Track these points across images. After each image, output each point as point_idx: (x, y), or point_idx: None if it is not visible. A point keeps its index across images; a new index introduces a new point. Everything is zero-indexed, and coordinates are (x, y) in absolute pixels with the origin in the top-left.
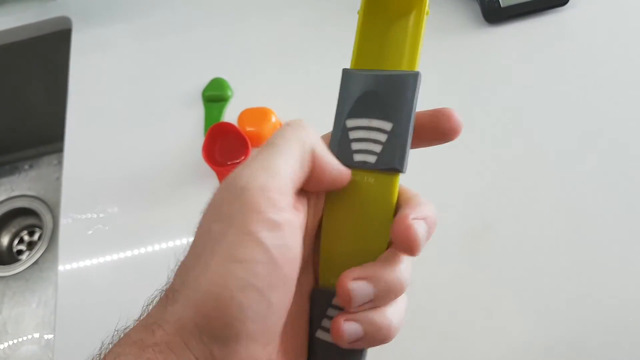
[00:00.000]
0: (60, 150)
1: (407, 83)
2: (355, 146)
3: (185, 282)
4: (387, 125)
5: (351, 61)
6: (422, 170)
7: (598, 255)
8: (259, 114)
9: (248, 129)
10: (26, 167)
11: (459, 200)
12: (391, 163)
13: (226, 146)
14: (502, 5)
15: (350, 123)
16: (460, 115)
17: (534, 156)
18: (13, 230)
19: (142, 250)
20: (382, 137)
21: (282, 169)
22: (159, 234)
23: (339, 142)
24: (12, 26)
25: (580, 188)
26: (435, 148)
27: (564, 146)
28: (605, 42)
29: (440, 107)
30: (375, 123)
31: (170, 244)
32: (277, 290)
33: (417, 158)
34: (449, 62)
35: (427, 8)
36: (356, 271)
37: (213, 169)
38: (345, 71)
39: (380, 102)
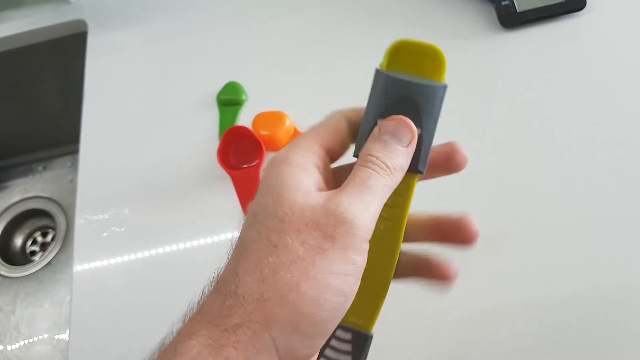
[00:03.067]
0: (74, 152)
1: (438, 94)
2: None
3: (276, 285)
4: (417, 131)
5: (384, 61)
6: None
7: (617, 262)
8: (274, 118)
9: (262, 132)
10: (40, 168)
11: (474, 206)
12: (415, 166)
13: (241, 150)
14: (517, 10)
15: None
16: (465, 148)
17: (551, 161)
18: (27, 231)
19: (157, 252)
20: None
21: (376, 209)
22: (174, 236)
23: (365, 139)
24: (29, 29)
25: (599, 194)
26: None
27: (582, 151)
28: (622, 47)
29: (448, 141)
30: None
31: (185, 246)
32: (353, 297)
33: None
34: (465, 67)
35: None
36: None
37: (228, 172)
38: (379, 71)
39: (414, 109)
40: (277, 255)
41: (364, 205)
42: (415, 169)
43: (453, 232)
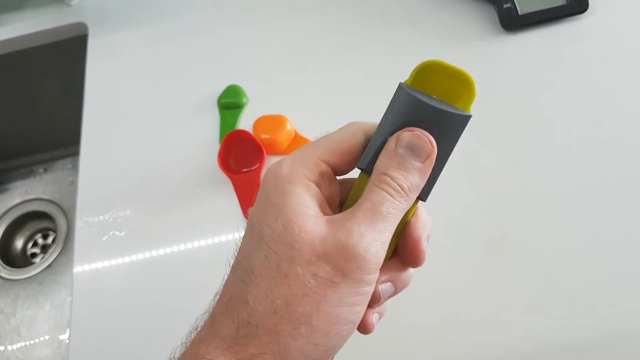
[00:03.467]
0: (74, 154)
1: (459, 124)
2: None
3: (289, 317)
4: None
5: (410, 78)
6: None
7: (621, 265)
8: (274, 122)
9: (263, 136)
10: (41, 170)
11: (477, 209)
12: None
13: (241, 153)
14: (519, 12)
15: None
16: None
17: (554, 164)
18: (27, 233)
19: (157, 254)
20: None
21: (388, 237)
22: (174, 239)
23: (375, 153)
24: (29, 32)
25: (603, 195)
26: (453, 156)
27: (583, 152)
28: (624, 50)
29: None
30: None
31: (186, 249)
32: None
33: None
34: (466, 69)
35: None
36: (381, 275)
37: (228, 176)
38: (403, 87)
39: (431, 133)
40: (289, 287)
41: (376, 235)
42: (418, 196)
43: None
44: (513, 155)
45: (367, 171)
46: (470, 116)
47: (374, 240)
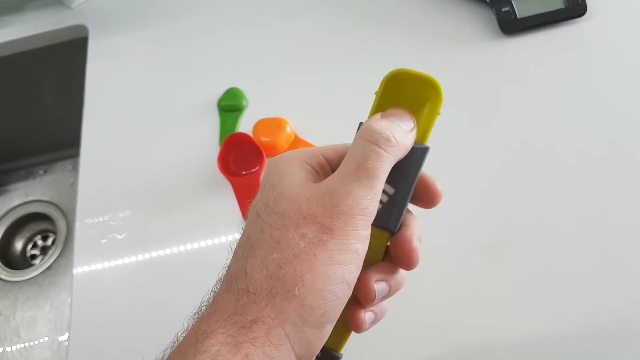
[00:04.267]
0: (74, 155)
1: (417, 156)
2: None
3: (283, 280)
4: (390, 189)
5: (379, 88)
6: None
7: (623, 270)
8: (274, 124)
9: (263, 139)
10: (41, 172)
11: (477, 213)
12: (386, 223)
13: (241, 156)
14: (518, 16)
15: None
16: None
17: (554, 168)
18: (27, 235)
19: (157, 256)
20: (384, 198)
21: (378, 190)
22: (174, 241)
23: None
24: (30, 34)
25: (603, 200)
26: (454, 160)
27: (584, 158)
28: (623, 53)
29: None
30: None
31: (185, 252)
32: (355, 282)
33: (434, 171)
34: (464, 73)
35: (440, 108)
36: (375, 274)
37: (228, 178)
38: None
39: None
40: (280, 251)
41: (362, 190)
42: (386, 227)
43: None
44: (512, 159)
45: None
46: (427, 148)
47: (361, 198)
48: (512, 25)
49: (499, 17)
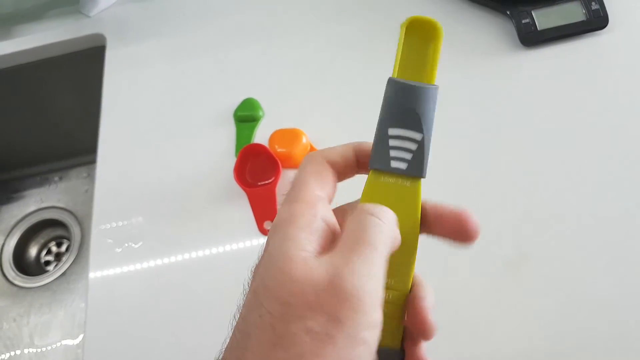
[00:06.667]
0: (89, 162)
1: (430, 96)
2: (392, 153)
3: None
4: (418, 136)
5: (393, 71)
6: (455, 195)
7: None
8: (290, 135)
9: (279, 149)
10: (56, 179)
11: (494, 227)
12: (420, 170)
13: (257, 167)
14: (538, 28)
15: (392, 132)
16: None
17: (572, 182)
18: (41, 241)
19: (173, 266)
20: (413, 146)
21: (381, 267)
22: (189, 252)
23: (381, 148)
24: (48, 42)
25: (626, 216)
26: (470, 175)
27: (604, 172)
28: None
29: (461, 208)
30: (410, 134)
31: (200, 262)
32: None
33: (450, 185)
34: (484, 85)
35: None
36: (429, 310)
37: (243, 189)
38: (390, 80)
39: (414, 113)
40: (283, 349)
41: (366, 268)
42: (420, 174)
43: (453, 228)
44: (531, 173)
45: (376, 169)
46: (436, 87)
47: (365, 276)
48: (532, 37)
49: (519, 29)
